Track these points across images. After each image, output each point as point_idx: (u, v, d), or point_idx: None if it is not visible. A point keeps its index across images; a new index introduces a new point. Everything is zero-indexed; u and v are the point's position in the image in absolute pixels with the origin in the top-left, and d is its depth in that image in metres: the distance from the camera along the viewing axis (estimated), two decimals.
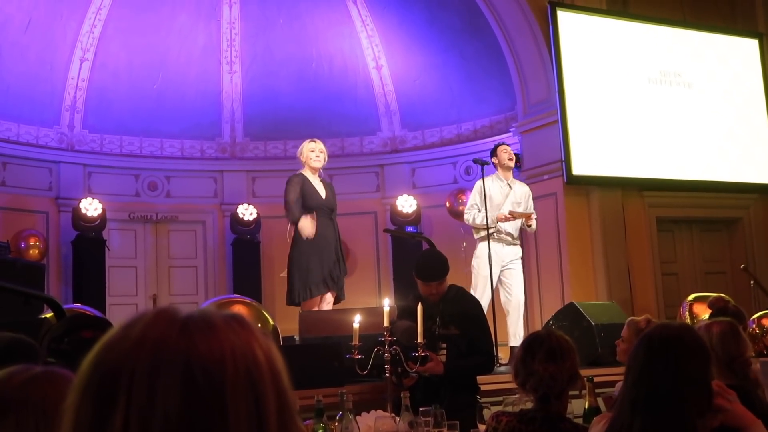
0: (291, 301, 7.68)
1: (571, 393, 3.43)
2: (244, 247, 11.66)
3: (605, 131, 10.26)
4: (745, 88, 11.56)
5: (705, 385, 2.53)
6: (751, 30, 11.82)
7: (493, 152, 8.82)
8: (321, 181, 7.93)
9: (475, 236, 8.68)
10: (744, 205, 11.55)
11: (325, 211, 7.77)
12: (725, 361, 3.57)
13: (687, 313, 8.72)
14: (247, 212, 11.58)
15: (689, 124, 10.93)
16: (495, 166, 8.74)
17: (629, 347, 3.28)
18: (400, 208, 11.56)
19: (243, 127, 12.29)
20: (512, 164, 8.84)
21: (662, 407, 2.48)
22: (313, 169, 7.83)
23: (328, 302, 7.68)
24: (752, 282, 9.89)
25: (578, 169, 9.97)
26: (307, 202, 7.67)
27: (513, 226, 8.62)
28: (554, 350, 3.30)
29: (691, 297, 8.87)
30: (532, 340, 3.39)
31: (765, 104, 11.59)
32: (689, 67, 11.14)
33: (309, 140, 8.00)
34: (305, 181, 7.76)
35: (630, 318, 5.07)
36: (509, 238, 8.61)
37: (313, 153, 7.80)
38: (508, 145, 8.99)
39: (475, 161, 9.02)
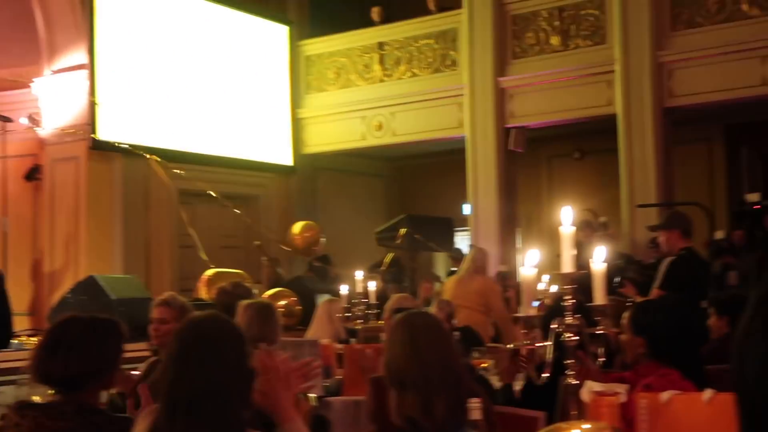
0: None
1: None
2: None
3: (135, 98, 9.98)
4: (272, 72, 12.04)
5: (245, 371, 2.45)
6: (282, 16, 12.33)
7: None
8: None
9: None
10: (262, 183, 12.04)
11: None
12: (252, 341, 3.60)
13: (204, 286, 8.81)
14: None
15: (217, 100, 11.09)
16: None
17: None
18: None
19: None
20: None
21: (205, 406, 2.33)
22: None
23: None
24: (265, 258, 10.36)
25: (104, 133, 9.55)
26: None
27: None
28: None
29: (209, 272, 8.97)
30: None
31: (289, 90, 12.19)
32: (222, 45, 11.29)
33: None
34: None
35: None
36: None
37: None
38: None
39: None
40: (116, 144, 9.65)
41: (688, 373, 3.16)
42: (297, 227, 10.58)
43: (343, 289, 6.35)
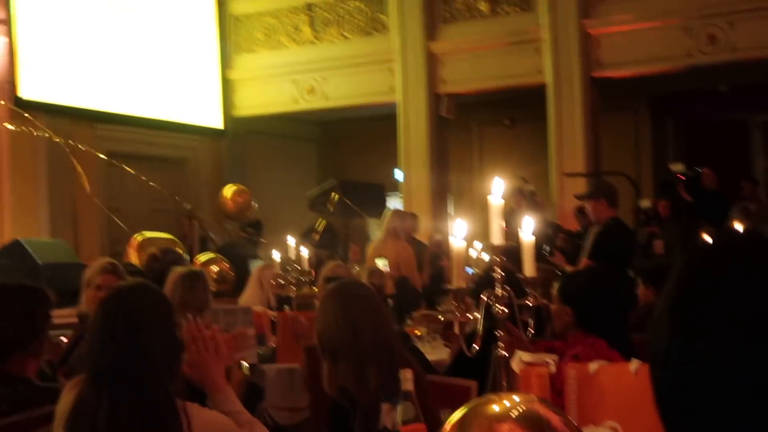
0: None
1: None
2: None
3: (60, 56, 9.71)
4: (201, 34, 11.81)
5: (172, 341, 2.42)
6: None
7: None
8: None
9: None
10: (192, 146, 11.87)
11: None
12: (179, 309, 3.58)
13: (134, 251, 8.66)
14: None
15: (146, 61, 10.86)
16: None
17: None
18: None
19: None
20: None
21: (131, 377, 2.30)
22: None
23: None
24: (194, 220, 10.20)
25: (28, 92, 9.29)
26: None
27: None
28: None
29: (138, 236, 8.82)
30: None
31: (218, 52, 11.97)
32: (149, 5, 11.03)
33: None
34: None
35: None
36: None
37: None
38: None
39: None
40: (41, 103, 9.38)
41: (615, 343, 3.24)
42: (228, 191, 10.45)
43: (276, 256, 6.31)
